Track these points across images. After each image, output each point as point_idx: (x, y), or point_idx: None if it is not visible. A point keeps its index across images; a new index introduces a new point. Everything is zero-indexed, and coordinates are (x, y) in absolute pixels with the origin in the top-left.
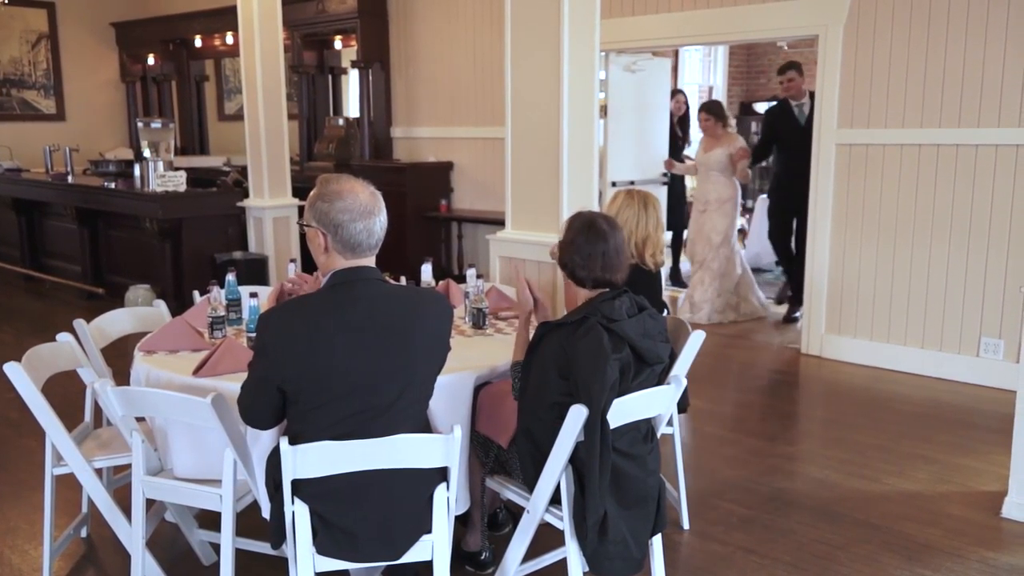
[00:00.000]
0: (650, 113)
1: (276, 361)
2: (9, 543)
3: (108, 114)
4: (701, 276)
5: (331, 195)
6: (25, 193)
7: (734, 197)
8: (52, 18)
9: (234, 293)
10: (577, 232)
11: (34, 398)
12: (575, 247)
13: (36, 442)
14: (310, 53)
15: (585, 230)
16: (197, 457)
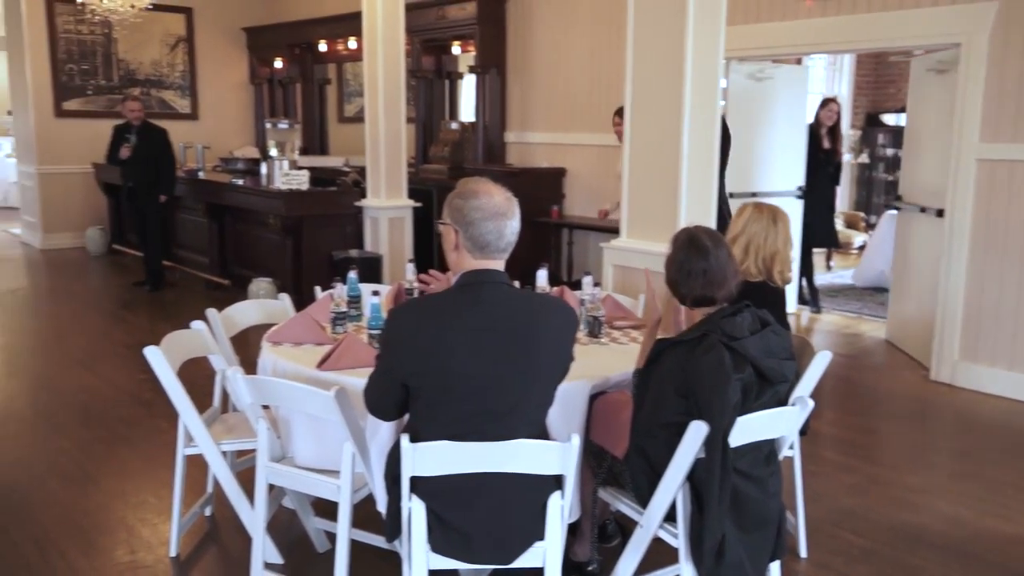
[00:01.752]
0: (780, 122)
1: (400, 356)
2: (140, 516)
3: (237, 114)
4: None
5: (467, 193)
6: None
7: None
8: (189, 22)
9: (355, 290)
10: (679, 249)
11: (170, 381)
12: (676, 264)
13: (167, 422)
14: (429, 58)
15: (687, 247)
16: (317, 447)
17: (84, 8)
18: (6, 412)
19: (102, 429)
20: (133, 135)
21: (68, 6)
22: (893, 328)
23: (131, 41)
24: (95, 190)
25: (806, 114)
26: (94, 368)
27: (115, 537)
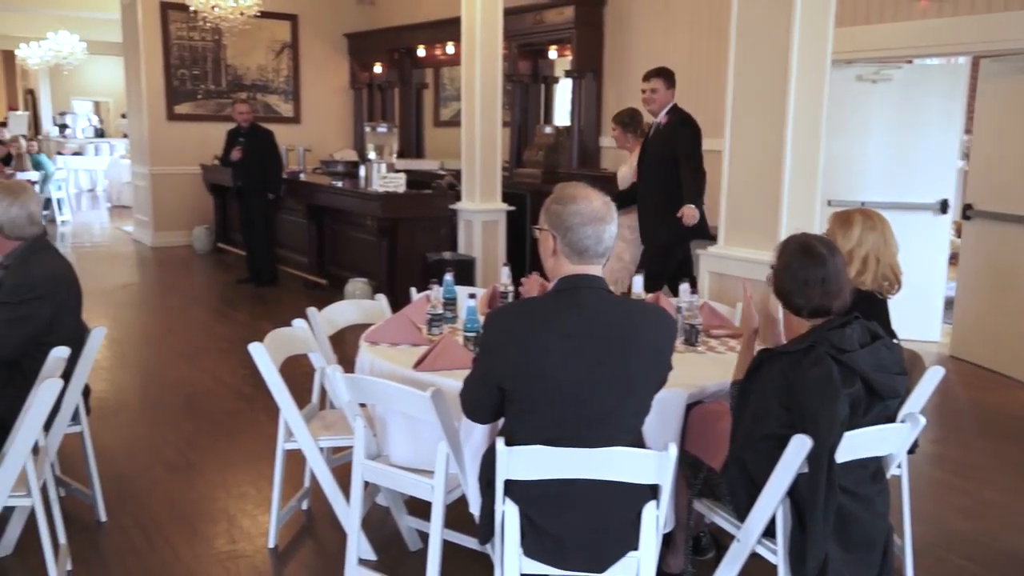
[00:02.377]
0: (907, 126)
1: (496, 360)
2: (240, 507)
3: (337, 118)
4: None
5: (566, 199)
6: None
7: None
8: (295, 29)
9: (451, 292)
10: (792, 257)
11: (273, 377)
12: (790, 273)
13: (266, 416)
14: (525, 62)
15: (801, 255)
16: (412, 447)
17: (196, 15)
18: (118, 403)
19: (205, 421)
20: (243, 137)
21: (181, 13)
22: (961, 342)
23: (239, 47)
24: (202, 190)
25: (961, 119)
26: (198, 362)
27: (217, 526)
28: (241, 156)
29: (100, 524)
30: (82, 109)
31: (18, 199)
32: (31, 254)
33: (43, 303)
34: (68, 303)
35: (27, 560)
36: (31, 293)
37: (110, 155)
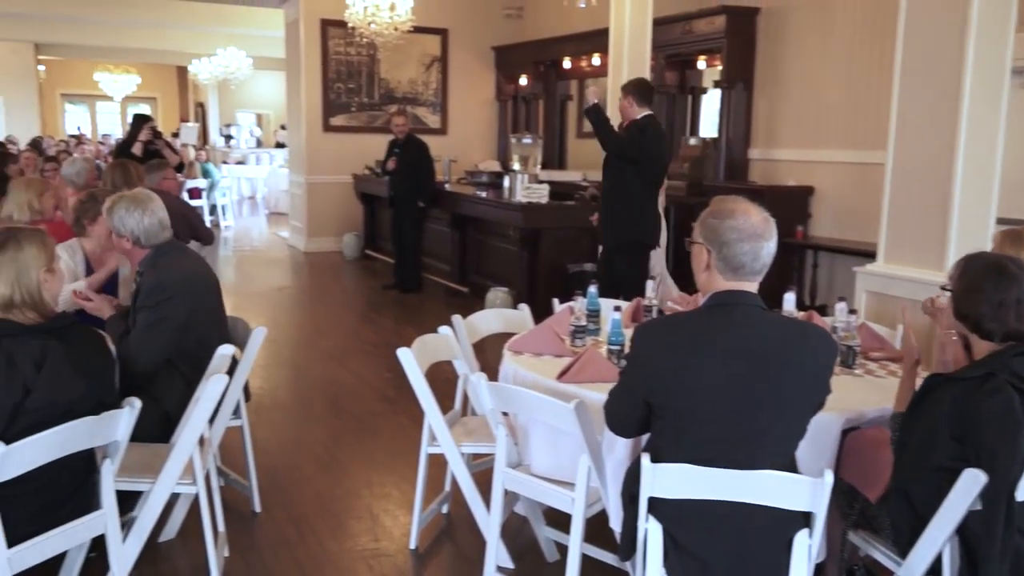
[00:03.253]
0: None
1: (644, 374)
2: (384, 507)
3: (482, 129)
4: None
5: (723, 213)
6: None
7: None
8: (444, 43)
9: (595, 304)
10: (982, 277)
11: (419, 382)
12: (983, 295)
13: (408, 420)
14: (672, 73)
15: (993, 275)
16: (553, 458)
17: (353, 31)
18: (272, 400)
19: (351, 420)
20: (398, 148)
21: (340, 30)
22: None
23: (392, 61)
24: (353, 199)
25: None
26: (345, 363)
27: (361, 524)
28: (396, 166)
29: (255, 514)
30: (245, 121)
31: (148, 208)
32: (160, 257)
33: (177, 303)
34: (203, 301)
35: (188, 545)
36: (164, 295)
37: (269, 164)
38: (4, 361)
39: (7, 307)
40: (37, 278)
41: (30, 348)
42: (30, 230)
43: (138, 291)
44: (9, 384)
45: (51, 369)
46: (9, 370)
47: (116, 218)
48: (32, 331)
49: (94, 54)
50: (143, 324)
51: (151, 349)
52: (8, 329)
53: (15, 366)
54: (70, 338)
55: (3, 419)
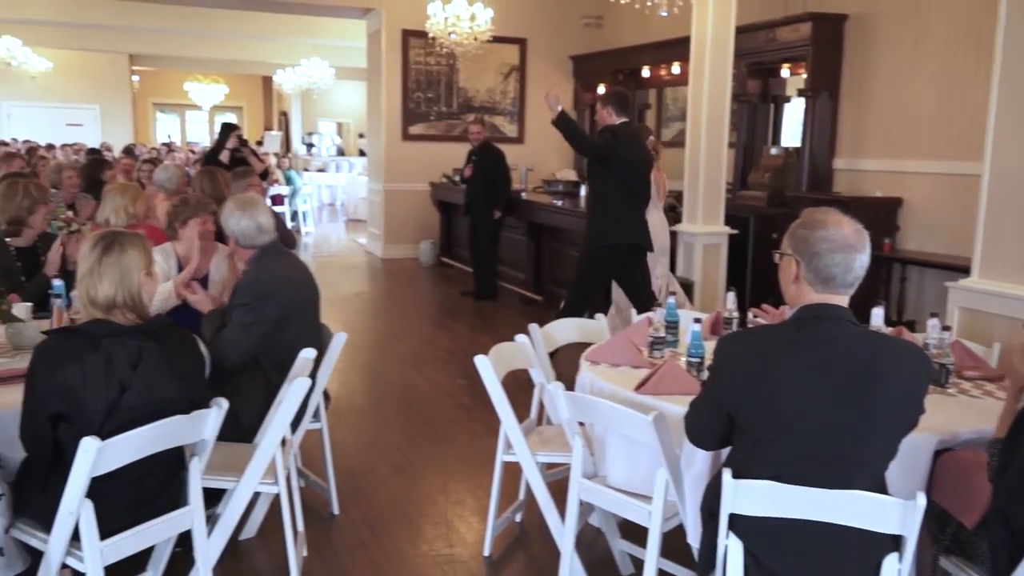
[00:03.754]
0: None
1: (727, 386)
2: (458, 512)
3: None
4: None
5: (814, 223)
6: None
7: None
8: (523, 52)
9: (673, 316)
10: None
11: (496, 390)
12: None
13: (483, 427)
14: (754, 81)
15: None
16: (630, 469)
17: (434, 42)
18: (348, 403)
19: (426, 426)
20: (475, 156)
21: (420, 40)
22: None
23: (471, 71)
24: (430, 207)
25: None
26: (420, 368)
27: (436, 529)
28: (471, 174)
29: (333, 516)
30: (327, 129)
31: (246, 212)
32: (261, 259)
33: (271, 304)
34: (298, 304)
35: (268, 543)
36: (258, 295)
37: (349, 172)
38: (103, 360)
39: (109, 308)
40: (138, 280)
41: (128, 348)
42: (131, 234)
43: (236, 289)
44: (107, 382)
45: (146, 369)
46: (107, 369)
47: (222, 219)
48: (131, 332)
49: (185, 65)
50: (236, 322)
51: (241, 347)
52: (109, 329)
53: (113, 365)
54: (165, 339)
55: (100, 415)
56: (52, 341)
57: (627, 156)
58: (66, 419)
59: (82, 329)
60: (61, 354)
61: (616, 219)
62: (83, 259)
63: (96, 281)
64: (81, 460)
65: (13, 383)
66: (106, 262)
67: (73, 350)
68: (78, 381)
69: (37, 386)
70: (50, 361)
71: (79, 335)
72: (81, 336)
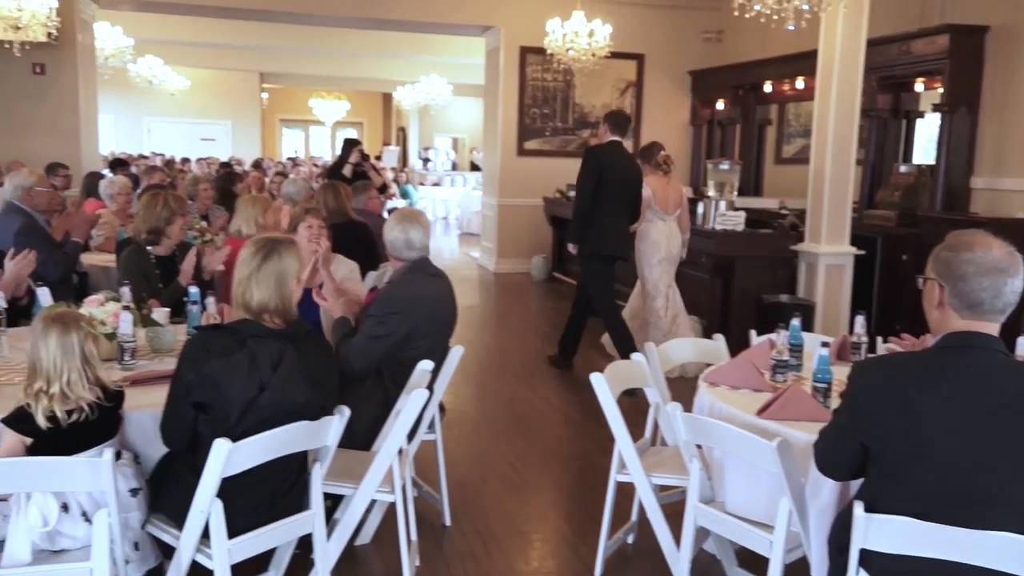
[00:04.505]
0: None
1: (860, 414)
2: (568, 530)
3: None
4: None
5: (959, 246)
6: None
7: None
8: (640, 68)
9: (797, 338)
10: None
11: (611, 409)
12: None
13: (593, 445)
14: (884, 96)
15: None
16: (750, 496)
17: (551, 58)
18: (460, 415)
19: (537, 441)
20: None
21: (538, 56)
22: None
23: (587, 86)
24: (543, 222)
25: None
26: (531, 383)
27: (547, 546)
28: None
29: (445, 527)
30: (442, 144)
31: (400, 224)
32: (405, 273)
33: (401, 319)
34: (429, 325)
35: (382, 551)
36: (391, 309)
37: (463, 187)
38: (247, 359)
39: (261, 312)
40: (291, 287)
41: (270, 350)
42: (288, 242)
43: (374, 299)
44: (248, 380)
45: (284, 371)
46: (250, 368)
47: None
48: (275, 335)
49: (310, 82)
50: (366, 332)
51: (366, 358)
52: (255, 330)
53: (255, 365)
54: (304, 345)
55: (238, 411)
56: (202, 335)
57: (590, 166)
58: (206, 410)
59: (231, 327)
60: (209, 348)
61: (600, 231)
62: (243, 264)
63: (253, 287)
64: (213, 460)
65: (152, 384)
66: (265, 269)
67: (221, 346)
68: (222, 376)
69: (184, 375)
70: (198, 353)
71: (228, 332)
72: (229, 334)
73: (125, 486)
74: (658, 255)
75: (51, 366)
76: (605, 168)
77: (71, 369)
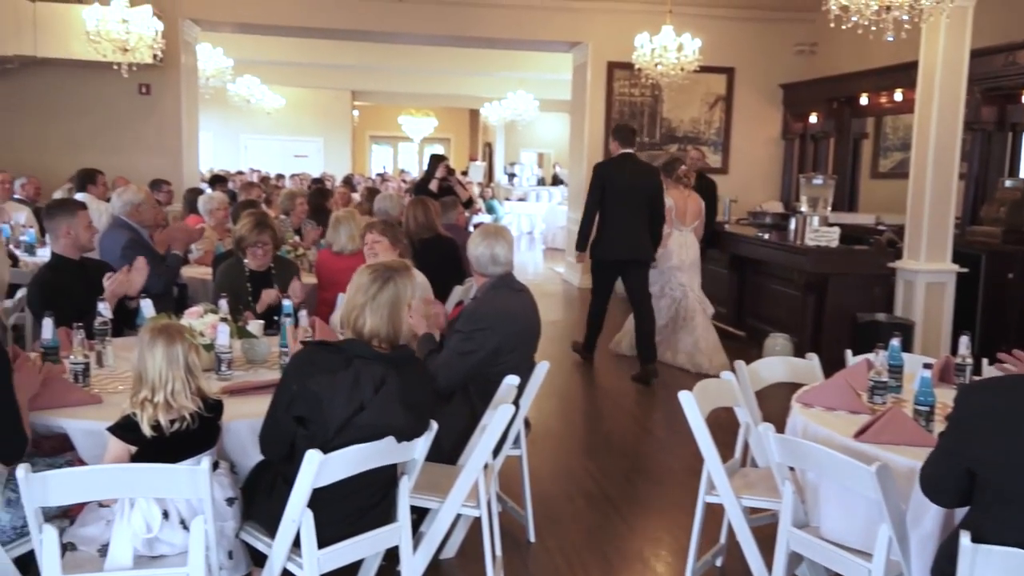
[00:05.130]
0: None
1: (969, 440)
2: (654, 551)
3: (765, 169)
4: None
5: None
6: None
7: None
8: (730, 82)
9: (897, 359)
10: None
11: (700, 428)
12: None
13: (678, 463)
14: (989, 108)
15: None
16: (846, 522)
17: (639, 73)
18: (545, 429)
19: (620, 457)
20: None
21: (625, 72)
22: None
23: (675, 101)
24: None
25: None
26: (615, 398)
27: (632, 566)
28: None
29: (529, 543)
30: (527, 160)
31: (485, 240)
32: (490, 289)
33: (488, 335)
34: (515, 340)
35: (466, 566)
36: (478, 325)
37: (548, 202)
38: (351, 378)
39: (371, 338)
40: (404, 315)
41: (373, 372)
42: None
43: (460, 315)
44: (350, 399)
45: (385, 394)
46: (353, 387)
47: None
48: (380, 358)
49: (399, 99)
50: (453, 348)
51: (452, 373)
52: (363, 352)
53: (358, 385)
54: (405, 370)
55: (335, 427)
56: (310, 350)
57: (608, 186)
58: (305, 425)
59: (339, 346)
60: (316, 363)
61: (605, 238)
62: (359, 291)
63: (367, 314)
64: (305, 471)
65: (248, 395)
66: (380, 298)
67: (327, 362)
68: (326, 391)
69: (289, 385)
70: (305, 367)
71: (335, 351)
72: (337, 352)
73: (222, 495)
74: (669, 262)
75: (156, 376)
76: (608, 181)
77: (175, 379)
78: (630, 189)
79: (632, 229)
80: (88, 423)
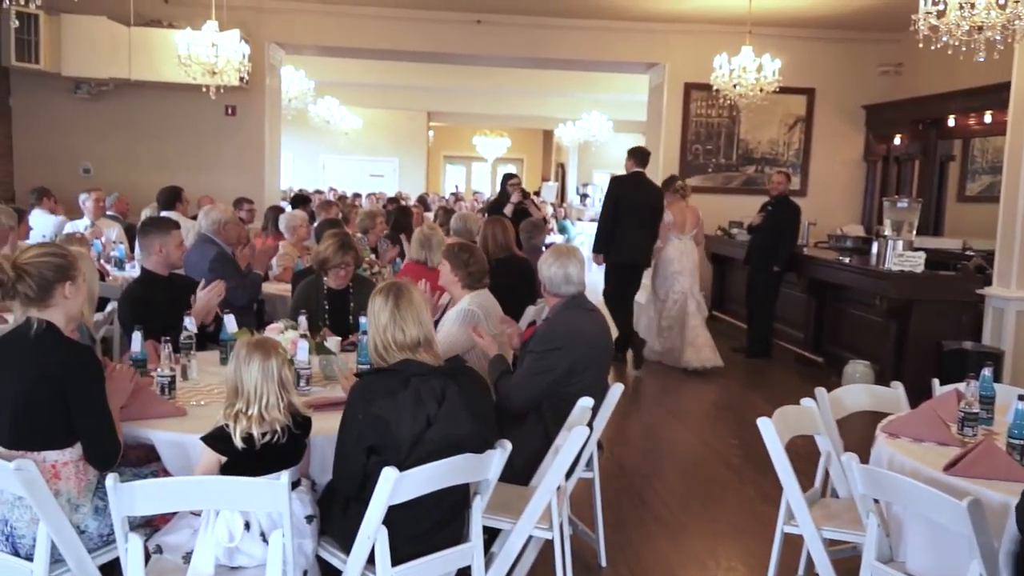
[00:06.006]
0: None
1: None
2: None
3: (845, 191)
4: None
5: None
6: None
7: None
8: (810, 103)
9: (989, 390)
10: None
11: (779, 456)
12: None
13: (754, 491)
14: None
15: None
16: (934, 558)
17: (717, 94)
18: (617, 453)
19: (694, 483)
20: (770, 206)
21: (703, 93)
22: None
23: (753, 122)
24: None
25: None
26: (688, 423)
27: None
28: (760, 224)
29: (600, 567)
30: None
31: (558, 260)
32: (562, 309)
33: (562, 355)
34: (588, 360)
35: None
36: (551, 344)
37: None
38: (412, 396)
39: (415, 347)
40: (429, 318)
41: (432, 387)
42: (406, 282)
43: (533, 335)
44: (415, 416)
45: (449, 406)
46: (416, 404)
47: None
48: (436, 372)
49: (474, 120)
50: (526, 368)
51: (526, 393)
52: (418, 369)
53: (420, 401)
54: (463, 379)
55: (407, 446)
56: (364, 381)
57: (623, 198)
58: (378, 451)
59: (392, 369)
60: (376, 390)
61: (619, 243)
62: (378, 312)
63: (401, 325)
64: (381, 488)
65: (326, 410)
66: (403, 307)
67: (386, 386)
68: (391, 413)
69: (355, 417)
70: (366, 396)
71: (392, 373)
72: (393, 375)
73: (301, 512)
74: (670, 268)
75: (252, 389)
76: (621, 195)
77: (270, 392)
78: (640, 203)
79: (641, 237)
80: (173, 435)
